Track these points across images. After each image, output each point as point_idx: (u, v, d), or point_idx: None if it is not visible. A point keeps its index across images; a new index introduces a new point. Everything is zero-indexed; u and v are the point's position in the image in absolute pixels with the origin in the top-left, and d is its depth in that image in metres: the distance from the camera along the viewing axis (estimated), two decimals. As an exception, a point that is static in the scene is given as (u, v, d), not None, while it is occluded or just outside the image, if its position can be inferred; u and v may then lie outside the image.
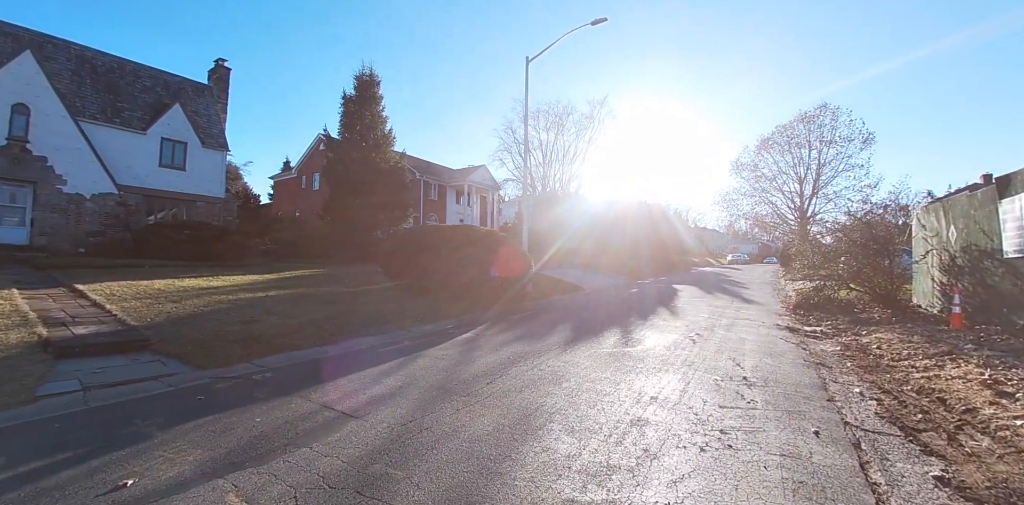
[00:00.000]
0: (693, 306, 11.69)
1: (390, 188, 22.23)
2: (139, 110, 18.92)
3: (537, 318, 9.69)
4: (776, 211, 42.41)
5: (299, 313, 8.90)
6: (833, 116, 37.91)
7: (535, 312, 10.63)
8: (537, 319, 9.54)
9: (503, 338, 7.48)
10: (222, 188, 20.53)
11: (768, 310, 11.37)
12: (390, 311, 9.89)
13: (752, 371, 5.39)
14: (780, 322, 9.38)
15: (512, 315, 10.18)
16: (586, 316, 9.97)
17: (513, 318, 9.76)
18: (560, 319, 9.52)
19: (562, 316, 9.97)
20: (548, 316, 9.96)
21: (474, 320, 9.51)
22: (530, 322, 9.12)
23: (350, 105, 22.24)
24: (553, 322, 9.09)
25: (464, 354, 6.27)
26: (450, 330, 8.44)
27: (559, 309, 11.19)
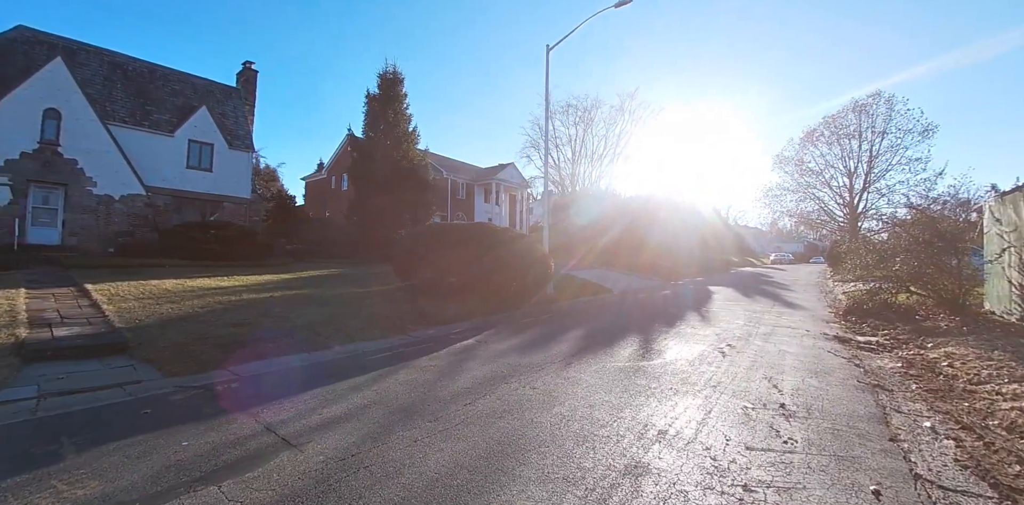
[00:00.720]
0: (728, 311, 10.57)
1: (414, 187, 21.84)
2: (167, 113, 19.23)
3: (551, 323, 8.89)
4: (823, 207, 39.75)
5: (296, 315, 8.44)
6: (888, 105, 35.09)
7: (552, 316, 9.83)
8: (551, 324, 8.74)
9: (505, 346, 6.73)
10: (248, 189, 20.67)
11: (814, 316, 10.14)
12: (395, 313, 9.32)
13: (792, 395, 4.42)
14: (828, 331, 8.21)
15: (525, 319, 9.42)
16: (606, 321, 9.08)
17: (525, 322, 9.00)
18: (576, 324, 8.69)
19: (579, 321, 9.12)
20: (564, 321, 9.15)
21: (483, 324, 8.83)
22: (542, 328, 8.33)
23: (374, 104, 21.99)
24: (567, 328, 8.26)
25: (454, 365, 5.56)
26: (453, 335, 7.78)
27: (579, 313, 10.34)
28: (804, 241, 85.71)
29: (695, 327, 8.29)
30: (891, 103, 35.08)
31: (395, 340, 7.38)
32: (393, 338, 7.53)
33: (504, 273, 11.02)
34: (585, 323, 8.90)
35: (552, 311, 10.67)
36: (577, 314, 10.21)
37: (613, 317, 9.78)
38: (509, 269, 11.07)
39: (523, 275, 11.37)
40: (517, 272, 11.21)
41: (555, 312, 10.51)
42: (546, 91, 13.75)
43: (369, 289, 12.25)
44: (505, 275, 11.05)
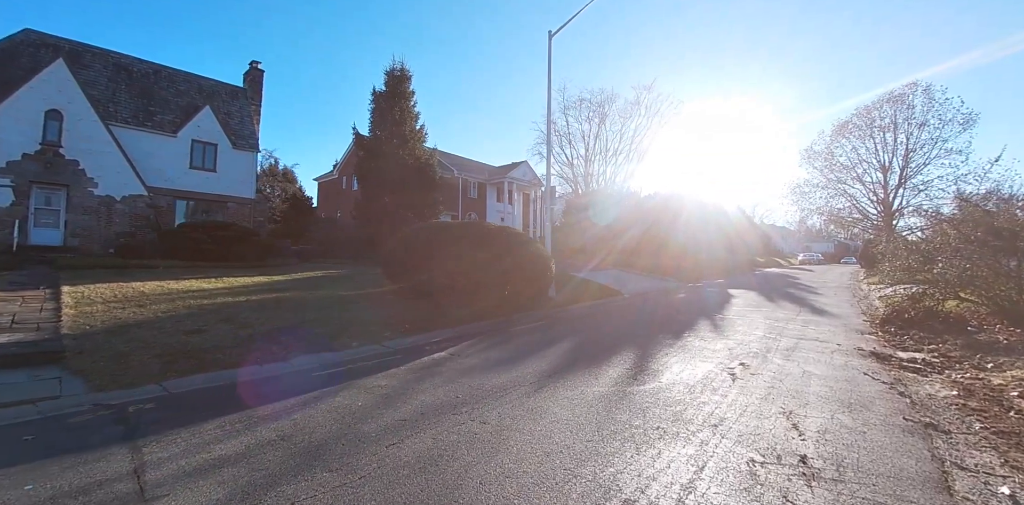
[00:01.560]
0: (746, 319, 9.39)
1: (420, 186, 21.12)
2: (171, 113, 18.98)
3: (543, 331, 7.92)
4: (855, 204, 37.45)
5: (262, 321, 7.71)
6: (926, 94, 32.73)
7: (548, 323, 8.87)
8: (542, 333, 7.78)
9: (477, 361, 5.81)
10: (252, 189, 20.28)
11: (846, 326, 8.88)
12: (376, 319, 8.51)
13: (817, 441, 3.36)
14: (863, 345, 7.01)
15: (517, 326, 8.49)
16: (605, 330, 8.06)
17: (515, 331, 8.07)
18: (570, 333, 7.70)
19: (576, 329, 8.13)
20: (559, 329, 8.17)
21: (467, 332, 7.94)
22: (530, 337, 7.38)
23: (380, 101, 21.35)
24: (558, 338, 7.28)
25: (406, 386, 4.67)
26: (428, 346, 6.94)
27: (578, 319, 9.34)
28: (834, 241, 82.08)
29: (705, 339, 7.19)
30: (929, 92, 32.73)
31: (362, 351, 6.57)
32: (362, 348, 6.72)
33: (500, 276, 10.10)
34: (581, 332, 7.90)
35: (550, 317, 9.70)
36: (576, 321, 9.20)
37: (615, 325, 8.74)
38: (505, 272, 10.15)
39: (521, 278, 10.43)
40: (514, 275, 10.28)
41: (553, 318, 9.53)
42: (548, 81, 12.78)
43: (359, 292, 11.49)
44: (501, 278, 10.14)
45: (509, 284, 10.36)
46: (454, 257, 9.95)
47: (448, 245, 10.05)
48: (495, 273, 10.11)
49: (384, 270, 10.93)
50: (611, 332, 7.89)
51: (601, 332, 7.90)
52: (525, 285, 10.56)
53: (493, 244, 10.28)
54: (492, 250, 10.17)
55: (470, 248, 9.98)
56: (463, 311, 9.52)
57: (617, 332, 7.90)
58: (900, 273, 9.09)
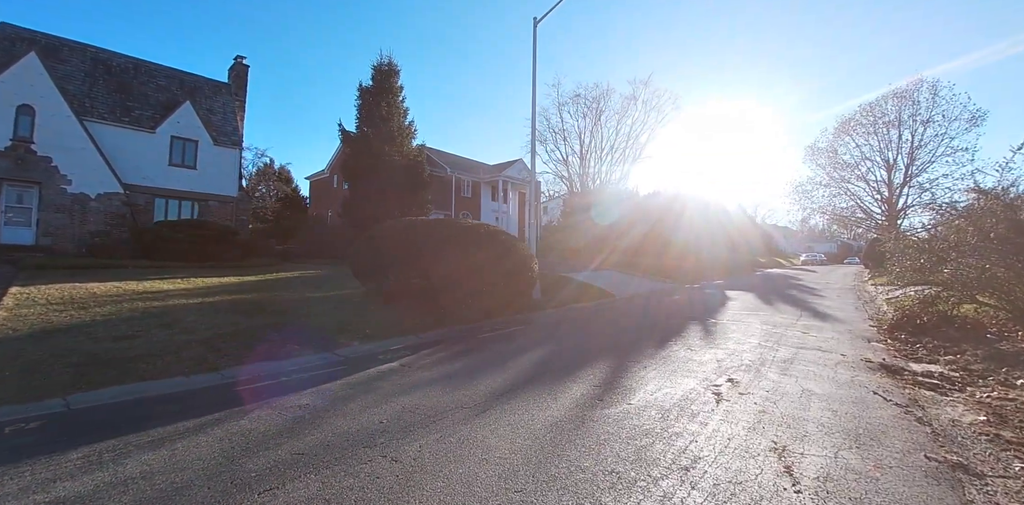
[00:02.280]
0: (742, 324, 8.58)
1: (409, 184, 20.40)
2: (150, 109, 18.31)
3: (516, 339, 7.15)
4: (859, 203, 36.47)
5: (206, 327, 6.99)
6: (932, 91, 31.75)
7: (524, 329, 8.10)
8: (514, 341, 7.00)
9: (427, 375, 5.04)
10: (235, 186, 19.57)
11: (851, 332, 8.05)
12: (334, 325, 7.77)
13: (817, 495, 2.56)
14: (871, 355, 6.19)
15: (488, 332, 7.73)
16: (583, 337, 7.27)
17: (482, 338, 7.30)
18: (545, 341, 6.92)
19: (552, 336, 7.35)
20: (534, 336, 7.39)
21: (430, 339, 7.23)
22: (498, 346, 6.60)
23: (367, 97, 20.66)
24: (528, 347, 6.51)
25: (327, 408, 3.91)
26: (383, 354, 6.26)
27: (559, 325, 8.56)
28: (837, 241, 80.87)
29: (692, 348, 6.38)
30: (935, 89, 31.75)
31: (308, 361, 5.83)
32: (309, 357, 5.98)
33: (475, 277, 9.34)
34: (557, 339, 7.11)
35: (529, 322, 8.92)
36: (557, 326, 8.42)
37: (597, 331, 7.95)
38: (481, 273, 9.38)
39: (499, 279, 9.66)
40: (492, 276, 9.51)
41: (532, 323, 8.75)
42: (533, 69, 12.00)
43: (329, 294, 10.75)
44: (476, 279, 9.37)
45: (486, 286, 9.60)
46: (425, 257, 9.21)
47: (418, 244, 9.31)
48: (470, 274, 9.35)
49: (353, 271, 10.18)
50: (590, 340, 7.10)
51: (579, 339, 7.11)
52: (504, 287, 9.79)
53: (468, 243, 9.52)
54: (467, 249, 9.42)
55: (442, 247, 9.23)
56: (434, 315, 8.78)
57: (597, 339, 7.11)
58: (910, 274, 8.25)
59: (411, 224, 9.70)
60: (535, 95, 11.96)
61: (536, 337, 7.28)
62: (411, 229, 9.55)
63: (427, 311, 8.88)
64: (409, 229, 9.61)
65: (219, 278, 12.77)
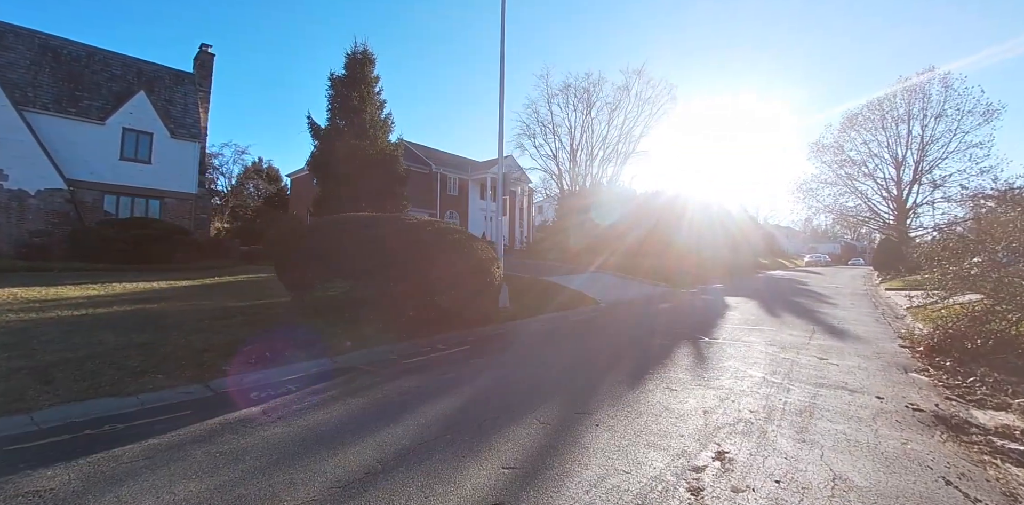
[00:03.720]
0: (741, 345, 6.82)
1: (384, 180, 18.73)
2: (101, 99, 16.74)
3: (443, 367, 5.45)
4: (866, 202, 34.50)
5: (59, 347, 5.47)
6: (943, 83, 29.79)
7: (464, 350, 6.40)
8: (437, 370, 5.30)
9: (276, 433, 3.33)
10: (194, 183, 17.95)
11: (879, 355, 6.28)
12: (227, 345, 6.09)
13: None
14: (916, 397, 4.43)
15: (416, 356, 6.04)
16: (533, 366, 5.55)
17: (412, 363, 5.65)
18: (478, 372, 5.20)
19: (493, 363, 5.63)
20: (471, 362, 5.68)
21: (343, 365, 5.56)
22: (409, 379, 4.89)
23: (339, 88, 18.98)
24: (449, 383, 4.79)
25: None
26: (261, 389, 4.71)
27: (513, 344, 6.86)
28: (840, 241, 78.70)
29: (673, 387, 4.64)
30: (947, 81, 29.79)
31: (157, 397, 4.27)
32: (162, 393, 4.37)
33: (421, 284, 7.67)
34: (499, 369, 5.39)
35: (480, 339, 7.22)
36: (509, 347, 6.70)
37: (558, 354, 6.23)
38: (427, 278, 7.71)
39: (452, 286, 7.98)
40: (441, 282, 7.84)
41: (482, 341, 7.05)
42: (501, 45, 10.29)
43: (256, 302, 9.11)
44: (420, 287, 7.70)
45: (433, 294, 7.92)
46: (357, 261, 7.54)
47: (350, 244, 7.63)
48: (416, 280, 7.67)
49: (279, 276, 8.50)
50: (544, 369, 5.37)
51: (529, 370, 5.38)
52: (457, 295, 8.11)
53: (409, 243, 7.83)
54: (411, 251, 7.74)
55: (377, 249, 7.55)
56: (362, 332, 7.10)
57: (552, 369, 5.38)
58: (955, 282, 6.47)
59: (341, 221, 8.03)
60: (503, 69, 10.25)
61: (476, 364, 5.56)
62: (340, 227, 7.88)
63: (355, 327, 7.20)
64: (338, 227, 7.94)
65: (148, 283, 11.16)
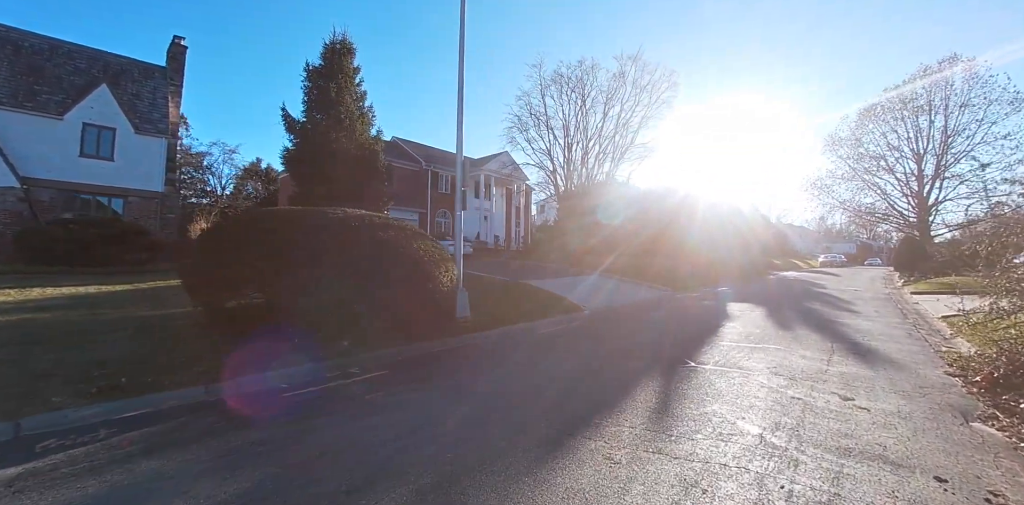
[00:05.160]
0: (735, 375, 5.17)
1: (364, 176, 17.37)
2: (61, 93, 15.61)
3: (337, 401, 3.95)
4: (885, 199, 32.21)
5: None
6: (968, 70, 27.47)
7: (388, 373, 4.97)
8: (319, 407, 3.78)
9: None
10: (161, 180, 16.73)
11: (923, 390, 4.58)
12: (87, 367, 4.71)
13: None
14: (996, 476, 2.77)
15: (324, 381, 4.64)
16: (448, 402, 3.98)
17: (293, 396, 4.11)
18: (361, 414, 3.66)
19: (394, 400, 4.07)
20: (371, 397, 4.16)
21: (234, 391, 4.09)
22: (258, 430, 3.34)
23: (316, 79, 17.64)
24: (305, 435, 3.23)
25: None
26: (79, 432, 3.02)
27: (447, 366, 5.35)
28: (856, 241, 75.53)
29: (616, 458, 3.00)
30: (972, 68, 27.45)
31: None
32: None
33: (353, 292, 6.23)
34: (398, 407, 3.85)
35: (413, 359, 5.71)
36: (441, 371, 5.17)
37: (487, 386, 4.65)
38: (347, 284, 6.25)
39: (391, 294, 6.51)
40: (380, 290, 6.38)
41: (413, 363, 5.54)
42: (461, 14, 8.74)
43: (169, 311, 7.76)
44: (354, 294, 6.25)
45: (371, 304, 6.44)
46: (269, 263, 6.08)
47: (265, 245, 6.16)
48: (347, 288, 6.22)
49: (184, 283, 7.07)
50: (451, 414, 3.81)
51: (438, 411, 3.81)
52: (402, 304, 6.61)
53: (340, 243, 6.35)
54: (341, 252, 6.27)
55: (290, 249, 6.09)
56: (279, 347, 5.66)
57: (466, 410, 3.81)
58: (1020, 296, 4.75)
59: (257, 217, 6.61)
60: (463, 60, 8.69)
61: (367, 403, 4.02)
62: (253, 225, 6.43)
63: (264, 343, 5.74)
64: (250, 225, 6.49)
65: (78, 288, 9.91)
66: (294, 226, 6.42)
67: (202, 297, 6.80)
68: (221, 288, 6.53)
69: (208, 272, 6.66)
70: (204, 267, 6.69)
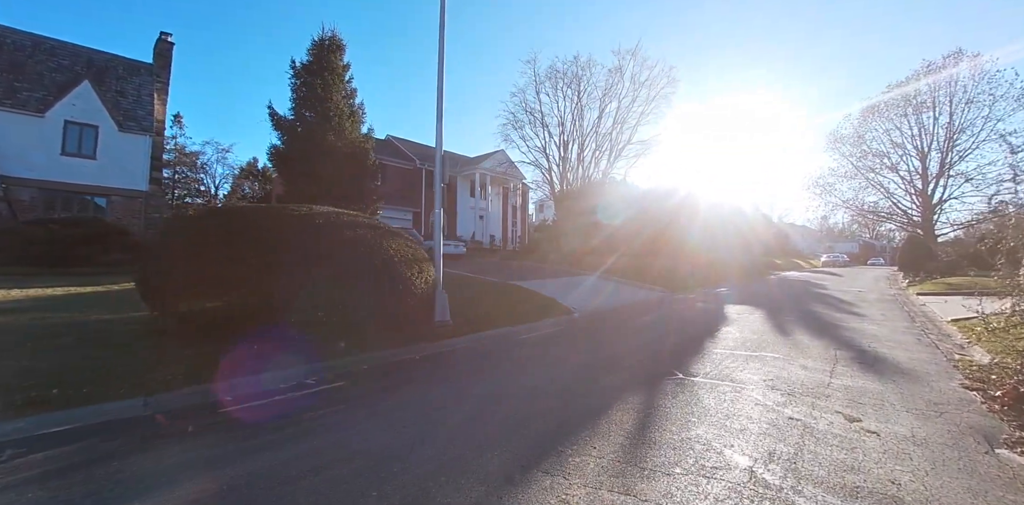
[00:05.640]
0: (724, 391, 4.62)
1: (350, 174, 16.88)
2: (43, 90, 15.18)
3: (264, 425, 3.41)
4: (889, 197, 31.54)
5: None
6: (973, 65, 26.80)
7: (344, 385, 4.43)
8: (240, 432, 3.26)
9: None
10: (145, 179, 16.28)
11: (939, 408, 4.02)
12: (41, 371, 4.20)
13: None
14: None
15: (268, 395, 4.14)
16: (399, 423, 3.45)
17: (227, 413, 3.58)
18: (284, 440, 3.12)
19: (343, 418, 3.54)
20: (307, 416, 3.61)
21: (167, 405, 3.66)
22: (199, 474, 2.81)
23: (303, 75, 17.18)
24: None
25: None
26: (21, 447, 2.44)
27: (412, 377, 4.84)
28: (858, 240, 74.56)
29: (572, 500, 2.52)
30: (977, 63, 26.76)
31: None
32: None
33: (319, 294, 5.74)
34: (338, 426, 3.34)
35: (377, 369, 5.20)
36: (405, 383, 4.66)
37: (449, 400, 4.12)
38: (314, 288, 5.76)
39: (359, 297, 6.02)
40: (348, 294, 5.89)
41: (375, 373, 5.03)
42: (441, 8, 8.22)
43: (125, 315, 7.25)
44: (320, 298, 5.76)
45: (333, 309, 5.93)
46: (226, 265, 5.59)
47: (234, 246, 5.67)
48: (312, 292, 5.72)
49: (138, 287, 6.57)
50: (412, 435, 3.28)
51: (393, 434, 3.29)
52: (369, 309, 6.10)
53: (301, 242, 5.85)
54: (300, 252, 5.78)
55: (243, 250, 5.59)
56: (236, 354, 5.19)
57: (421, 436, 3.28)
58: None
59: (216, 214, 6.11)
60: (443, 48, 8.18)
61: (302, 423, 3.50)
62: (199, 222, 5.93)
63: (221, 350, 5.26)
64: (198, 222, 5.99)
65: (43, 290, 9.46)
66: (248, 225, 5.92)
67: (155, 302, 6.31)
68: (172, 292, 6.03)
69: (158, 276, 6.18)
70: (154, 270, 6.20)
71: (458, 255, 19.92)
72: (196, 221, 6.33)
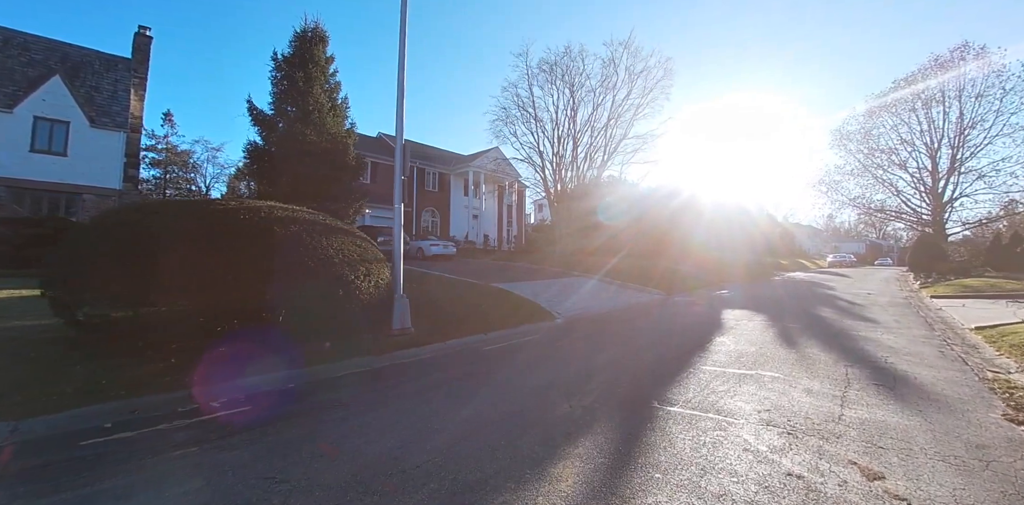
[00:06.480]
0: (707, 427, 3.67)
1: (330, 172, 16.02)
2: (13, 85, 14.49)
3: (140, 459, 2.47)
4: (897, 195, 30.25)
5: None
6: (980, 57, 25.55)
7: (249, 409, 3.55)
8: (51, 482, 2.34)
9: None
10: (119, 177, 15.54)
11: (982, 453, 3.05)
12: None
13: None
14: None
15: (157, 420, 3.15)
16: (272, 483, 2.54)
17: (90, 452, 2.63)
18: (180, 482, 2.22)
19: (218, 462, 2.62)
20: (146, 462, 2.67)
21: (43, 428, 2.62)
22: None
23: (284, 68, 16.36)
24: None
25: None
26: None
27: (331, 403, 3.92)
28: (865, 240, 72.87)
29: None
30: (985, 55, 25.52)
31: None
32: None
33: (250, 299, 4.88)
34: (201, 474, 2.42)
35: (290, 392, 4.29)
36: (319, 410, 3.73)
37: (347, 443, 3.20)
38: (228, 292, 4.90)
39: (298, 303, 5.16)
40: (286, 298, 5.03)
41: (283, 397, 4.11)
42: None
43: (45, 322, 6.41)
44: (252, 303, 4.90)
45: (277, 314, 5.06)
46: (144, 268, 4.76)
47: (160, 245, 4.83)
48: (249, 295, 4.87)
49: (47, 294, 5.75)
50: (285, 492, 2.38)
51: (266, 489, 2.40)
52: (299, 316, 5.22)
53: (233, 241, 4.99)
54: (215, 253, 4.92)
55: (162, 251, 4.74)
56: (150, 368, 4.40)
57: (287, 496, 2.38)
58: None
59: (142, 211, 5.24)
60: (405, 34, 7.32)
61: (143, 472, 2.61)
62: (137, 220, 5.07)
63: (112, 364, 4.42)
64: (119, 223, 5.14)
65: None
66: (162, 221, 5.05)
67: (57, 307, 5.48)
68: (73, 296, 5.20)
69: (62, 279, 5.35)
70: (59, 273, 5.37)
71: (447, 256, 19.02)
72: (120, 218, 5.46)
